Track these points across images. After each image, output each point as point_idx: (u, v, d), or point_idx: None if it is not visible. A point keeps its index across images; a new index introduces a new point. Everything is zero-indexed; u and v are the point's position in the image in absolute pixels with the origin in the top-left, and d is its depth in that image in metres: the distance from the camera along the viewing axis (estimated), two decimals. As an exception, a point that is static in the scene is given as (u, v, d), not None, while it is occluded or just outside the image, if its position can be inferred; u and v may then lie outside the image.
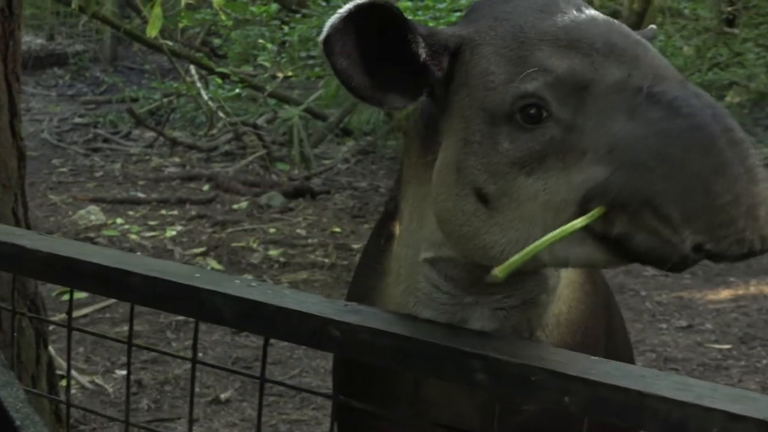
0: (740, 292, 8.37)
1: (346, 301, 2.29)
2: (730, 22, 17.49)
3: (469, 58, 2.06)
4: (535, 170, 1.93)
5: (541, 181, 1.93)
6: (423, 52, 2.03)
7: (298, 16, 10.00)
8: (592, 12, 2.05)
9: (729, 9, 17.09)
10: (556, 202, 1.92)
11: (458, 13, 8.42)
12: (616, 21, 2.07)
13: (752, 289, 8.40)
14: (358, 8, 1.95)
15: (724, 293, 8.35)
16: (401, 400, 2.34)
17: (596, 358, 1.99)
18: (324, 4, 9.31)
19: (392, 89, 2.02)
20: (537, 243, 1.91)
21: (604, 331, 2.62)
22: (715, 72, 15.87)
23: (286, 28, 9.60)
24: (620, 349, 2.76)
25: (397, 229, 2.40)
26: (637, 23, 11.57)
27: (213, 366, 3.07)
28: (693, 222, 1.76)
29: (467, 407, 2.35)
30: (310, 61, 9.61)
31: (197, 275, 2.29)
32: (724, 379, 6.60)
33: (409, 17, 6.65)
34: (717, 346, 7.25)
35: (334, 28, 1.94)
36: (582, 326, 2.49)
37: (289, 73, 9.51)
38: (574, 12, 2.03)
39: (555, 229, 1.91)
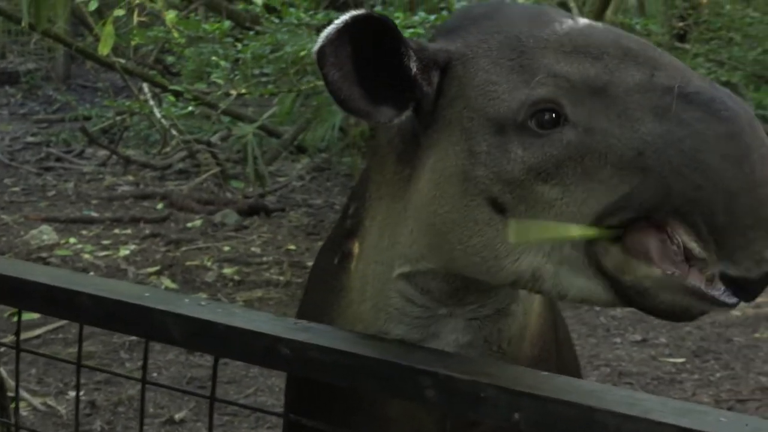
0: (694, 305, 8.41)
1: (297, 318, 2.28)
2: (682, 38, 17.65)
3: (462, 72, 2.06)
4: (552, 176, 1.93)
5: (558, 188, 1.93)
6: (414, 66, 2.03)
7: (251, 33, 9.96)
8: (586, 20, 2.07)
9: (680, 25, 17.25)
10: (574, 212, 1.92)
11: (411, 30, 8.44)
12: (614, 27, 2.09)
13: (705, 303, 8.44)
14: (355, 20, 1.95)
15: (678, 307, 8.38)
16: (361, 418, 2.33)
17: (546, 373, 1.99)
18: (277, 21, 9.29)
19: (381, 102, 2.02)
20: (561, 229, 1.93)
21: (554, 343, 2.64)
22: (666, 87, 15.97)
23: (239, 45, 9.55)
24: (567, 361, 2.77)
25: (357, 246, 2.39)
26: (589, 39, 11.65)
27: (163, 386, 3.06)
28: (718, 243, 1.80)
29: (427, 423, 2.35)
30: (264, 79, 9.58)
31: (146, 294, 2.28)
32: (678, 393, 6.63)
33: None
34: (671, 359, 7.29)
35: (329, 39, 1.94)
36: (541, 340, 2.50)
37: (243, 91, 9.46)
38: (570, 21, 2.05)
39: (564, 247, 1.94)
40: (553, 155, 1.92)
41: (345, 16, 1.95)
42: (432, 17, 8.71)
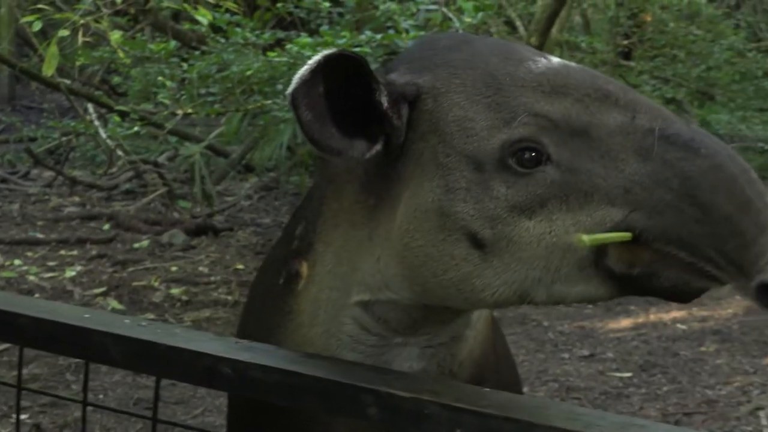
0: (640, 320, 8.49)
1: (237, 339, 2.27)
2: (626, 55, 17.82)
3: (433, 106, 2.07)
4: (536, 213, 1.97)
5: (545, 223, 1.96)
6: (385, 102, 2.04)
7: (197, 53, 9.95)
8: (559, 59, 2.11)
9: (625, 42, 17.42)
10: (566, 244, 1.96)
11: (358, 48, 8.45)
12: (587, 68, 2.15)
13: (652, 318, 8.52)
14: (328, 59, 1.96)
15: (625, 322, 8.45)
16: None
17: (487, 389, 2.00)
18: (223, 40, 9.28)
19: (353, 139, 2.02)
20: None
21: (495, 360, 2.65)
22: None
23: (185, 65, 9.52)
24: (506, 376, 2.78)
25: (306, 268, 2.37)
26: (535, 57, 11.71)
27: (105, 408, 3.03)
28: (737, 264, 1.86)
29: None
30: (210, 98, 9.55)
31: (86, 316, 2.26)
32: (626, 407, 6.67)
33: (309, 53, 6.62)
34: (618, 374, 7.32)
35: (303, 80, 1.95)
36: (483, 359, 2.51)
37: (190, 111, 9.43)
38: (543, 60, 2.09)
39: (560, 269, 1.97)
40: (538, 194, 1.96)
41: (318, 56, 1.96)
42: (378, 36, 8.72)
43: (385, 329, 2.26)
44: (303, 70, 1.95)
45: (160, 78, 9.51)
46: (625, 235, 1.94)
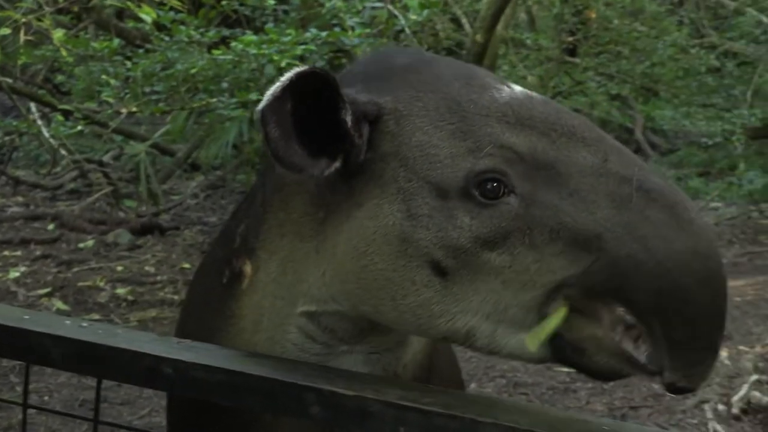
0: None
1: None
2: (572, 52, 17.91)
3: (395, 128, 2.07)
4: (498, 246, 1.96)
5: (506, 256, 1.96)
6: (349, 120, 2.03)
7: (141, 51, 9.87)
8: (521, 89, 2.11)
9: (570, 39, 17.50)
10: (523, 280, 1.96)
11: (303, 46, 8.43)
12: (548, 99, 2.15)
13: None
14: (299, 76, 1.96)
15: (571, 317, 8.47)
16: None
17: (431, 387, 2.00)
18: (167, 39, 9.21)
19: (315, 155, 2.02)
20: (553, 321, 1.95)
21: (436, 358, 2.65)
22: (558, 100, 16.18)
23: (129, 64, 9.44)
24: (447, 374, 2.78)
25: (249, 269, 2.35)
26: (481, 54, 11.74)
27: (46, 410, 3.00)
28: (673, 351, 1.87)
29: None
30: (155, 97, 9.48)
31: (26, 317, 2.23)
32: (573, 402, 6.70)
33: (254, 51, 6.56)
34: (565, 369, 7.35)
35: (274, 97, 1.95)
36: (428, 359, 2.51)
37: (134, 109, 9.34)
38: (506, 88, 2.09)
39: (509, 309, 1.97)
40: (501, 226, 1.96)
41: (290, 74, 1.96)
42: (324, 34, 8.71)
43: (330, 338, 2.27)
44: (275, 88, 1.96)
45: (104, 76, 9.41)
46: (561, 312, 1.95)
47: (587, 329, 1.95)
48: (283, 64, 8.25)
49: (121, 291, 9.02)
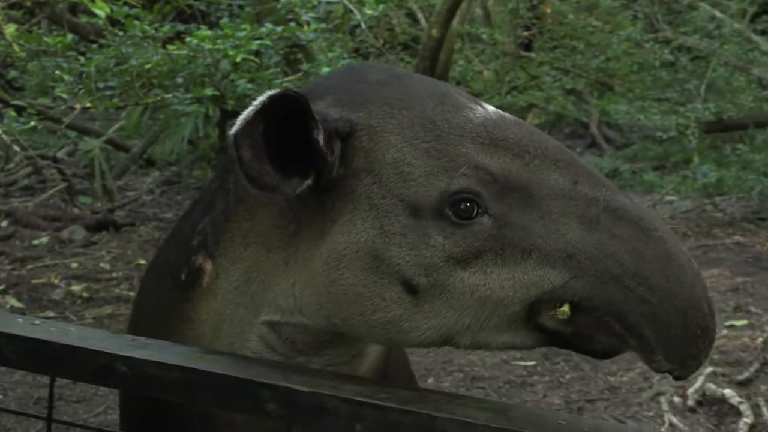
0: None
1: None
2: (527, 47, 17.98)
3: (368, 144, 2.07)
4: (471, 265, 1.99)
5: (479, 275, 1.99)
6: (321, 139, 2.03)
7: (95, 46, 9.79)
8: (494, 109, 2.13)
9: (525, 34, 17.57)
10: (500, 297, 1.99)
11: (258, 41, 8.40)
12: (522, 120, 2.17)
13: (554, 307, 8.58)
14: (272, 99, 1.96)
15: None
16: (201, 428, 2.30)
17: (386, 383, 2.00)
18: (121, 34, 9.15)
19: (287, 175, 2.02)
20: None
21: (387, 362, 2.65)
22: (513, 95, 16.28)
23: (83, 59, 9.36)
24: (398, 375, 2.78)
25: (208, 278, 2.33)
26: (436, 48, 11.77)
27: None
28: (668, 351, 1.94)
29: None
30: (109, 92, 9.41)
31: (-23, 315, 2.20)
32: (530, 395, 6.73)
33: (208, 46, 6.52)
34: (522, 363, 7.38)
35: (247, 121, 1.95)
36: (383, 363, 2.50)
37: (88, 105, 9.28)
38: (480, 108, 2.11)
39: (490, 319, 2.02)
40: (474, 246, 1.99)
41: (263, 98, 1.96)
42: (279, 29, 8.68)
43: (289, 349, 2.27)
44: (248, 112, 1.96)
45: (57, 72, 9.34)
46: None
47: (583, 322, 2.02)
48: (238, 59, 8.23)
49: (76, 288, 8.95)
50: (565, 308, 1.99)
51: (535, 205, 2.00)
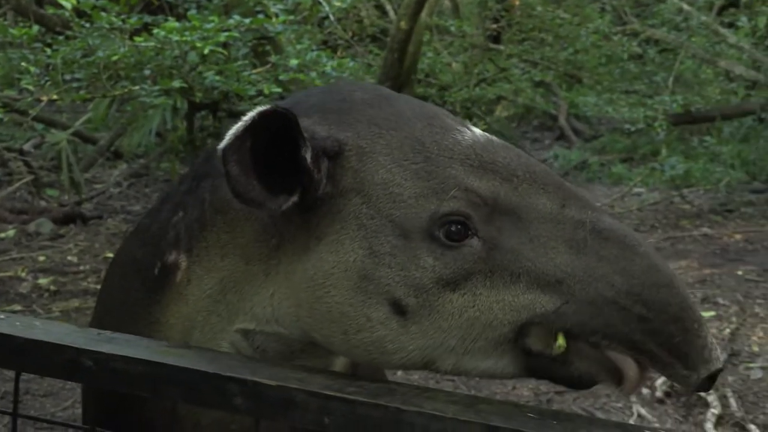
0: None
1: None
2: (495, 39, 18.00)
3: (357, 165, 2.07)
4: (461, 286, 2.00)
5: (468, 297, 2.00)
6: (309, 157, 2.02)
7: (61, 38, 9.73)
8: (482, 133, 2.14)
9: (493, 26, 17.59)
10: (488, 319, 2.00)
11: (226, 33, 8.37)
12: (510, 144, 2.19)
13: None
14: (261, 115, 1.95)
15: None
16: (165, 423, 2.28)
17: (354, 376, 1.99)
18: (88, 25, 9.10)
19: (274, 191, 2.01)
20: None
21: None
22: (482, 87, 16.30)
23: (49, 51, 9.30)
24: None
25: (178, 284, 2.30)
26: (405, 41, 11.76)
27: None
28: (684, 358, 1.96)
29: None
30: (76, 84, 9.35)
31: (-59, 310, 2.18)
32: (499, 388, 6.73)
33: (176, 38, 6.48)
34: (491, 355, 7.37)
35: (236, 137, 1.94)
36: (354, 367, 2.49)
37: (54, 97, 9.23)
38: (468, 131, 2.12)
39: (477, 342, 2.02)
40: (464, 268, 2.00)
41: (252, 113, 1.96)
42: (247, 20, 8.65)
43: (261, 357, 2.25)
44: (237, 127, 1.96)
45: (23, 64, 9.28)
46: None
47: (569, 347, 2.03)
48: (206, 51, 8.20)
49: (43, 281, 8.89)
50: (560, 341, 2.01)
51: (524, 229, 2.02)
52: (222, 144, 1.96)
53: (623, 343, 1.98)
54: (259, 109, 1.97)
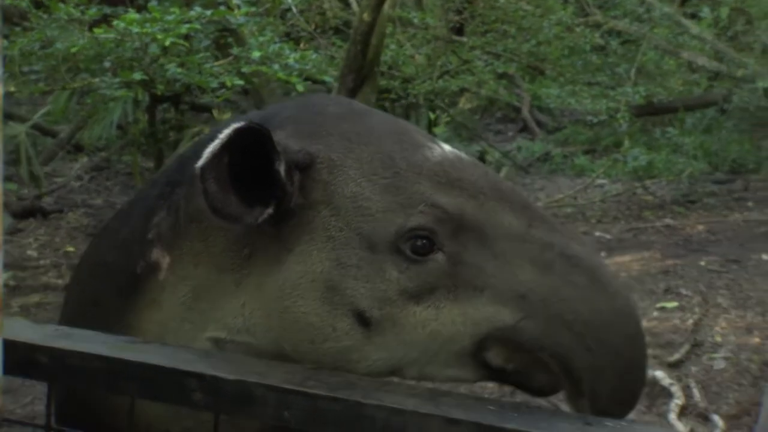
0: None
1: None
2: (458, 31, 18.01)
3: (327, 177, 2.10)
4: (424, 300, 2.04)
5: (431, 310, 2.04)
6: (282, 171, 2.04)
7: (18, 29, 9.64)
8: (450, 148, 2.19)
9: (456, 18, 17.59)
10: (450, 332, 2.04)
11: (188, 25, 8.30)
12: (477, 161, 2.25)
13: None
14: (237, 132, 1.97)
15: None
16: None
17: (315, 369, 1.99)
18: (46, 16, 9.01)
19: (250, 204, 2.04)
20: None
21: None
22: (445, 79, 16.29)
23: (6, 42, 9.20)
24: None
25: (152, 291, 2.30)
26: (368, 33, 11.72)
27: None
28: (595, 400, 2.01)
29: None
30: (34, 76, 9.27)
31: None
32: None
33: (136, 30, 6.40)
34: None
35: (214, 155, 1.96)
36: None
37: (12, 89, 9.13)
38: (437, 148, 2.16)
39: (439, 354, 2.06)
40: (428, 281, 2.03)
41: (228, 131, 1.97)
42: (209, 12, 8.60)
43: None
44: (214, 146, 1.97)
45: (-20, 55, 9.15)
46: None
47: (526, 361, 2.08)
48: (167, 43, 8.14)
49: (2, 276, 8.80)
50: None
51: (489, 245, 2.05)
52: (200, 162, 1.97)
53: (561, 364, 2.02)
54: (235, 126, 1.98)
